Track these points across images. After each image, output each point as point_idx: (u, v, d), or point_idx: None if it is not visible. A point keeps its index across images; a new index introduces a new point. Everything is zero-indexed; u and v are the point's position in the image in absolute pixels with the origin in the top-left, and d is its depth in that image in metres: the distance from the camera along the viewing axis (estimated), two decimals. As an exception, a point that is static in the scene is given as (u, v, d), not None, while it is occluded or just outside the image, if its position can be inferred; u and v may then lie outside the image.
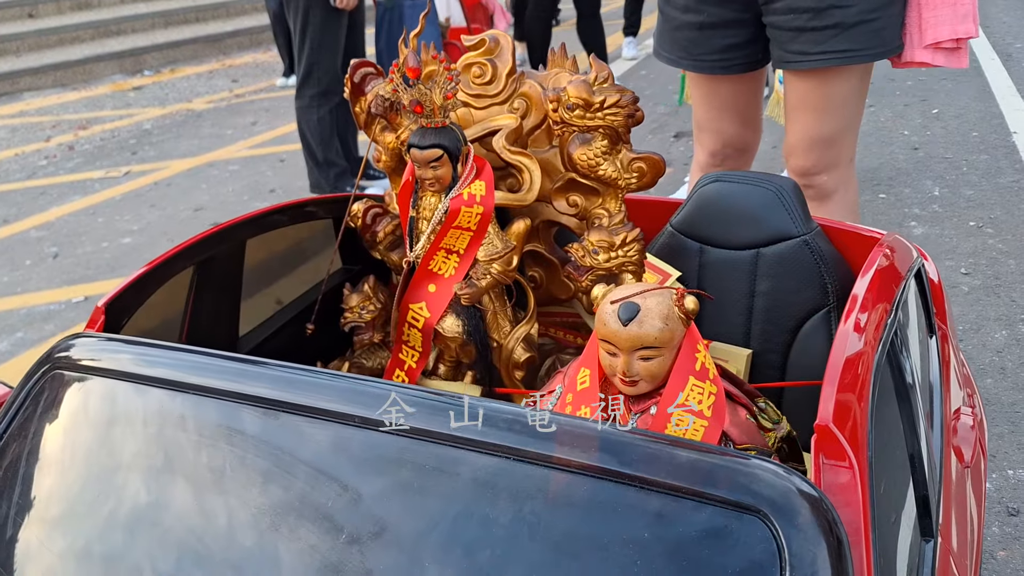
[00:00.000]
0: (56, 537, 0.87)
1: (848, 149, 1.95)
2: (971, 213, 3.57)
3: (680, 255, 1.40)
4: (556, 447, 0.71)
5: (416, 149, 1.13)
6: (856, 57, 1.76)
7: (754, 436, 0.90)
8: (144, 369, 0.88)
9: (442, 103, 1.11)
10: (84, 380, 0.92)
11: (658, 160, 1.23)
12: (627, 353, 0.87)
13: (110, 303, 1.04)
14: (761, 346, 1.36)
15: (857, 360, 0.77)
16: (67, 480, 0.90)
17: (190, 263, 1.16)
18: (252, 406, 0.81)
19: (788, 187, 1.34)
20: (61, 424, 0.92)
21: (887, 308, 0.88)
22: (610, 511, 0.68)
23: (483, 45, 1.25)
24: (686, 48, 1.91)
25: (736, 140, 2.05)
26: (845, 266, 1.34)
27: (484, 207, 1.14)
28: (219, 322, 1.25)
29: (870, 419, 0.74)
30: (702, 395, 0.87)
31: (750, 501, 0.65)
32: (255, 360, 0.84)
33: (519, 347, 1.24)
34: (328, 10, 3.72)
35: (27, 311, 3.34)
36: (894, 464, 0.84)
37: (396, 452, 0.74)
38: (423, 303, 1.19)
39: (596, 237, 1.18)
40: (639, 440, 0.70)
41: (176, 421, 0.85)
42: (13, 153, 5.70)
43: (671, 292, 0.89)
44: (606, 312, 0.88)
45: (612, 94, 1.14)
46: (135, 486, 0.85)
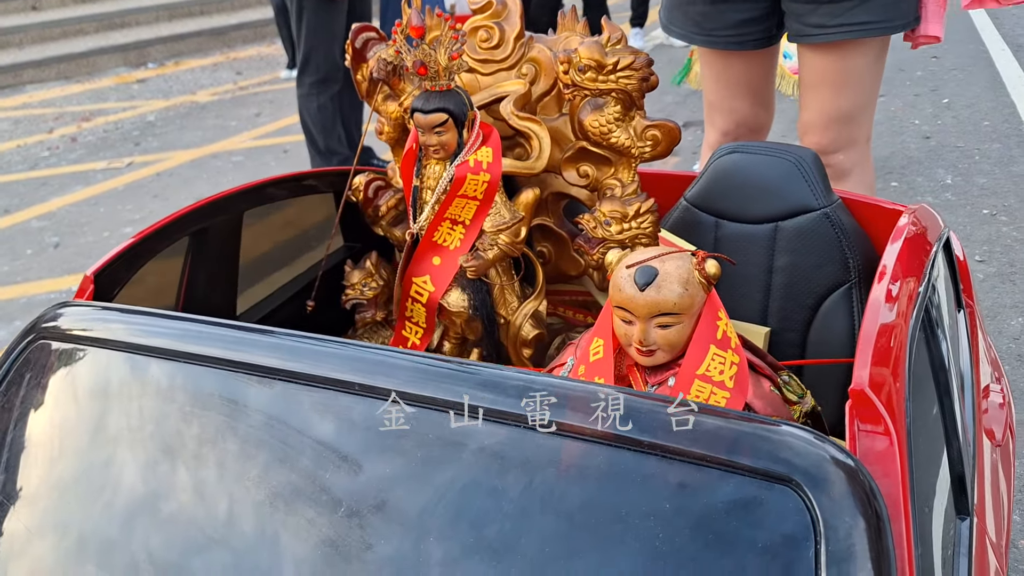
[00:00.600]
0: (44, 516, 0.83)
1: (865, 127, 1.90)
2: (984, 201, 3.52)
3: (695, 230, 1.34)
4: (569, 414, 0.66)
5: (420, 113, 1.07)
6: (876, 29, 1.70)
7: (779, 408, 0.85)
8: (134, 338, 0.83)
9: (447, 64, 1.05)
10: (72, 350, 0.88)
11: (673, 127, 1.17)
12: (644, 320, 0.82)
13: (100, 272, 0.99)
14: (779, 324, 1.30)
15: (892, 327, 0.72)
16: (54, 455, 0.85)
17: (184, 233, 1.11)
18: (250, 375, 0.76)
19: (808, 158, 1.29)
20: (47, 396, 0.88)
21: (919, 277, 0.83)
22: (633, 481, 0.63)
23: (490, 7, 1.20)
24: (698, 23, 1.85)
25: (749, 119, 1.99)
26: (867, 241, 1.29)
27: (491, 175, 1.09)
28: (215, 298, 1.20)
29: (907, 386, 0.69)
30: (723, 365, 0.82)
31: (782, 470, 0.60)
32: (253, 327, 0.79)
33: (527, 323, 1.19)
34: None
35: (27, 300, 3.30)
36: (930, 438, 0.78)
37: (404, 425, 0.69)
38: (427, 276, 1.14)
39: (608, 207, 1.13)
40: (662, 407, 0.65)
41: (169, 392, 0.80)
42: (15, 144, 5.66)
43: (691, 256, 0.83)
44: (622, 277, 0.83)
45: (626, 55, 1.09)
46: (123, 461, 0.80)
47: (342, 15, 3.83)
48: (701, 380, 0.81)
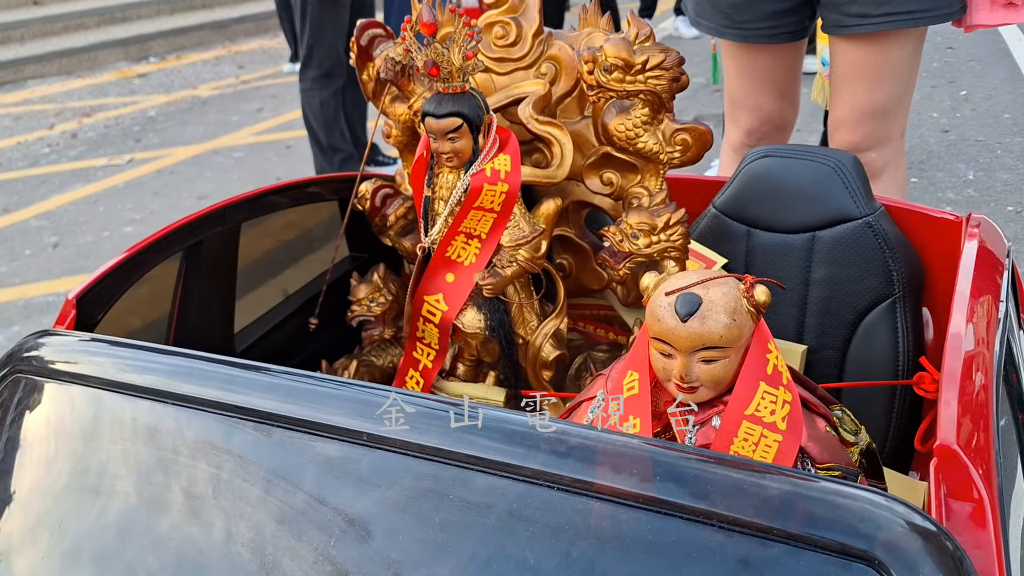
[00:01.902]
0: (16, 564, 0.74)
1: (900, 122, 1.80)
2: (1009, 198, 3.41)
3: (725, 239, 1.26)
4: (601, 471, 0.57)
5: (432, 118, 0.98)
6: (924, 18, 1.61)
7: (836, 452, 0.76)
8: (118, 374, 0.75)
9: (461, 64, 0.96)
10: (50, 386, 0.79)
11: (705, 131, 1.09)
12: (686, 354, 0.73)
13: (83, 295, 0.90)
14: (817, 341, 1.21)
15: (976, 368, 0.63)
16: (30, 500, 0.77)
17: (178, 249, 1.02)
18: (243, 419, 0.67)
19: (848, 162, 1.20)
20: (22, 438, 0.79)
21: (996, 303, 0.74)
22: (678, 556, 0.54)
23: (506, 2, 1.11)
24: (729, 15, 1.75)
25: (775, 116, 1.90)
26: (912, 251, 1.20)
27: (509, 185, 1.00)
28: (211, 316, 1.12)
29: (996, 439, 0.60)
30: (775, 404, 0.73)
31: (861, 546, 0.51)
32: (247, 364, 0.70)
33: (547, 344, 1.10)
34: None
35: (24, 303, 3.22)
36: (1013, 486, 0.70)
37: (406, 473, 0.61)
38: (440, 295, 1.05)
39: (636, 219, 1.04)
40: (713, 464, 0.56)
41: (154, 437, 0.72)
42: (15, 141, 5.59)
43: (737, 282, 0.74)
44: (661, 306, 0.74)
45: (655, 54, 1.00)
46: (101, 509, 0.72)
47: (346, 9, 3.75)
48: (750, 421, 0.72)
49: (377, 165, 4.19)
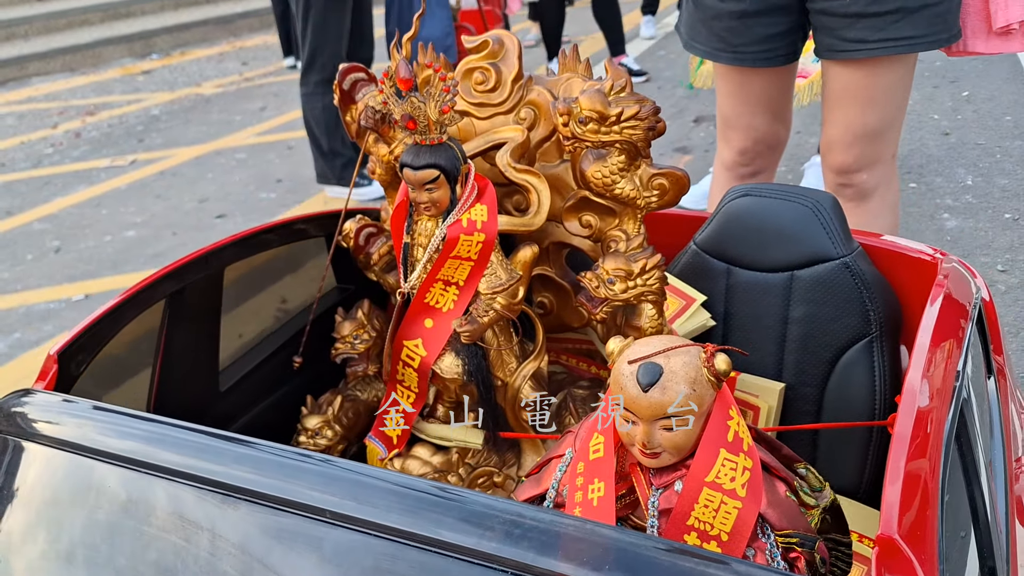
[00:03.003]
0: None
1: (892, 144, 1.81)
2: (1007, 204, 3.41)
3: (705, 276, 1.27)
4: (562, 559, 0.59)
5: (409, 169, 1.00)
6: (920, 44, 1.61)
7: (795, 518, 0.77)
8: (98, 440, 0.77)
9: (438, 118, 0.98)
10: (29, 447, 0.81)
11: (682, 176, 1.09)
12: (648, 422, 0.75)
13: (64, 350, 0.92)
14: (795, 379, 1.23)
15: (924, 454, 0.64)
16: (7, 561, 0.79)
17: (159, 298, 1.04)
18: (225, 494, 0.69)
19: (826, 203, 1.21)
20: (2, 499, 0.81)
21: (952, 374, 0.75)
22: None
23: (486, 47, 1.12)
24: (724, 39, 1.75)
25: (768, 136, 1.90)
26: (890, 291, 1.21)
27: (486, 234, 1.02)
28: (197, 358, 1.14)
29: (941, 519, 0.61)
30: (735, 471, 0.74)
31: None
32: (231, 437, 0.72)
33: (526, 385, 1.11)
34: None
35: (26, 310, 3.25)
36: (960, 552, 0.71)
37: (375, 557, 0.63)
38: (419, 340, 1.07)
39: (612, 265, 1.05)
40: (665, 555, 0.57)
41: (132, 507, 0.74)
42: (19, 141, 5.62)
43: (699, 350, 0.76)
44: (623, 374, 0.75)
45: (630, 105, 1.01)
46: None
47: (348, 13, 3.74)
48: (711, 488, 0.74)
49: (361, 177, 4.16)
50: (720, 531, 0.73)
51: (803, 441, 1.22)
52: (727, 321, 1.26)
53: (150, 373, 1.09)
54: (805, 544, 0.75)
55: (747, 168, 1.92)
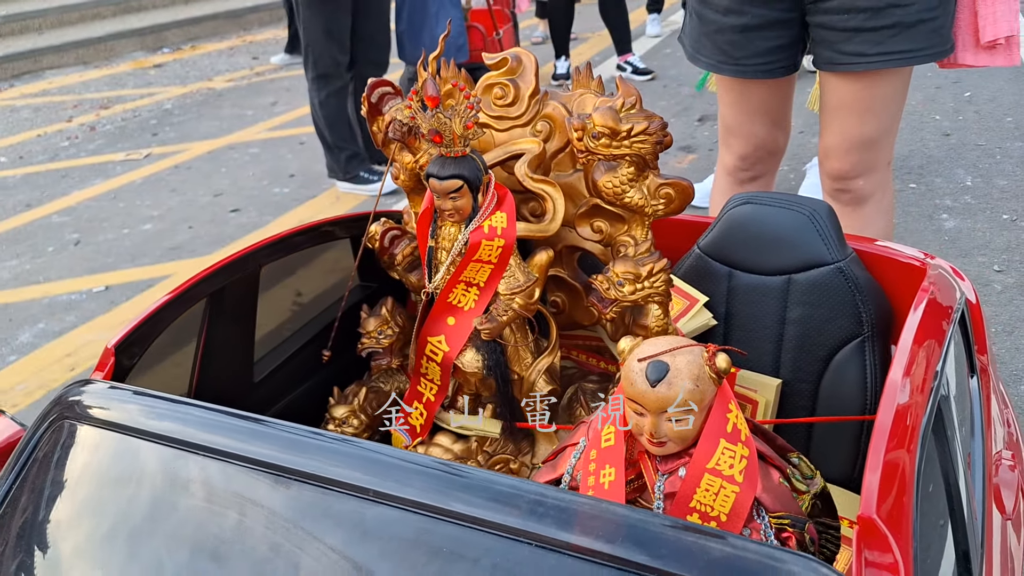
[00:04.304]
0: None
1: (887, 152, 1.88)
2: (1005, 205, 3.48)
3: (708, 278, 1.35)
4: (578, 533, 0.67)
5: (435, 179, 1.08)
6: (917, 57, 1.69)
7: (788, 503, 0.86)
8: (152, 424, 0.85)
9: (462, 133, 1.06)
10: (90, 431, 0.90)
11: (687, 186, 1.17)
12: (655, 414, 0.83)
13: (120, 344, 1.01)
14: (792, 375, 1.31)
15: (903, 437, 0.73)
16: (69, 536, 0.87)
17: (202, 296, 1.13)
18: (260, 470, 0.78)
19: (822, 211, 1.29)
20: (66, 478, 0.90)
21: (931, 372, 0.83)
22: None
23: (505, 64, 1.20)
24: (727, 52, 1.83)
25: (768, 143, 1.98)
26: (881, 294, 1.29)
27: (505, 240, 1.10)
28: (233, 350, 1.22)
29: (916, 502, 0.69)
30: (734, 459, 0.83)
31: (785, 604, 0.61)
32: (266, 420, 0.81)
33: (541, 379, 1.20)
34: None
35: (49, 301, 3.34)
36: (937, 536, 0.79)
37: (412, 531, 0.71)
38: (442, 336, 1.16)
39: (621, 268, 1.13)
40: (669, 530, 0.66)
41: (179, 481, 0.82)
42: (35, 134, 5.70)
43: (702, 350, 0.84)
44: (633, 371, 0.84)
45: (640, 121, 1.09)
46: (137, 548, 0.82)
47: (341, 16, 3.81)
48: (711, 474, 0.82)
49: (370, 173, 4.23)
50: (720, 512, 0.82)
51: (798, 433, 1.30)
52: (728, 321, 1.34)
53: (191, 364, 1.18)
54: (796, 525, 0.84)
55: (748, 173, 2.00)
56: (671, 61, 6.07)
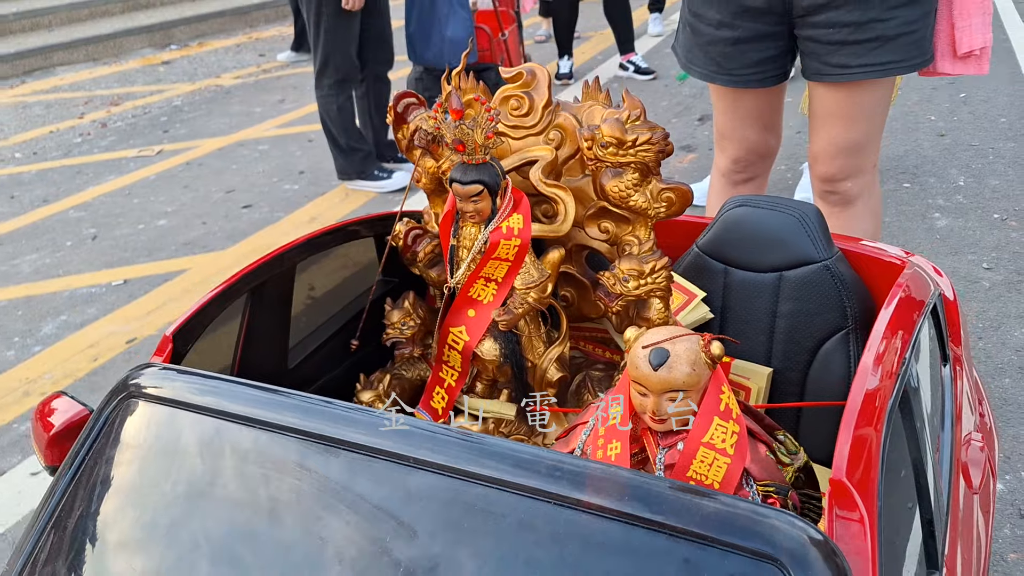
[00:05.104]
0: (129, 557, 0.96)
1: (872, 155, 1.99)
2: (996, 205, 3.58)
3: (705, 275, 1.46)
4: (591, 493, 0.78)
5: (458, 184, 1.19)
6: (898, 68, 1.79)
7: (773, 472, 0.97)
8: (203, 399, 0.97)
9: (483, 142, 1.17)
10: (151, 407, 1.01)
11: (686, 191, 1.28)
12: (657, 395, 0.94)
13: (177, 332, 1.12)
14: (782, 364, 1.42)
15: (870, 418, 0.84)
16: (136, 502, 0.99)
17: (246, 290, 1.24)
18: (303, 439, 0.90)
19: (811, 213, 1.40)
20: (131, 447, 1.01)
21: (900, 359, 0.95)
22: (640, 555, 0.76)
23: (520, 78, 1.31)
24: (719, 63, 1.94)
25: (759, 147, 2.09)
26: (864, 290, 1.40)
27: (521, 239, 1.21)
28: (270, 340, 1.33)
29: (881, 469, 0.81)
30: (726, 434, 0.94)
31: (769, 551, 0.72)
32: (294, 394, 0.93)
33: (552, 367, 1.31)
34: (340, 3, 3.77)
35: (69, 294, 3.45)
36: (902, 501, 0.90)
37: (448, 492, 0.82)
38: (463, 327, 1.27)
39: (626, 266, 1.25)
40: (668, 490, 0.77)
41: (227, 448, 0.94)
42: (48, 130, 5.81)
43: (698, 338, 0.95)
44: (638, 356, 0.95)
45: (644, 132, 1.20)
46: (202, 512, 0.94)
47: (357, 19, 3.91)
48: (706, 447, 0.94)
49: (397, 161, 4.36)
50: (713, 481, 0.93)
51: (788, 417, 1.42)
52: (724, 314, 1.45)
53: (233, 351, 1.29)
54: (780, 492, 0.95)
55: (741, 175, 2.12)
56: (672, 61, 6.16)
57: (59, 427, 1.16)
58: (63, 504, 1.01)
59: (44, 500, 1.03)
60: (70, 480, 1.02)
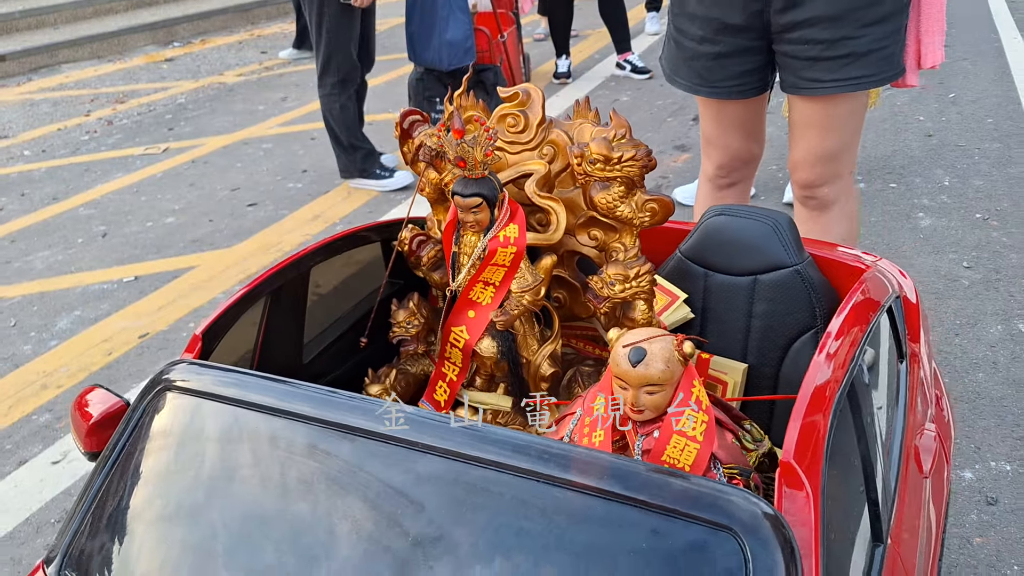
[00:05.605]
0: (165, 528, 1.09)
1: (849, 163, 2.12)
2: (978, 204, 3.70)
3: (687, 278, 1.58)
4: (577, 473, 0.91)
5: (459, 197, 1.31)
6: (868, 83, 1.91)
7: (737, 457, 1.09)
8: (229, 391, 1.09)
9: (482, 159, 1.29)
10: (183, 398, 1.13)
11: (668, 202, 1.40)
12: (635, 388, 1.07)
13: (206, 331, 1.25)
14: (757, 360, 1.54)
15: (819, 407, 0.96)
16: (171, 481, 1.11)
17: (266, 292, 1.36)
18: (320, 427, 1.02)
19: (784, 222, 1.52)
20: (167, 434, 1.14)
21: (850, 356, 1.07)
22: (616, 524, 0.88)
23: (516, 98, 1.43)
24: (703, 76, 2.06)
25: (743, 153, 2.22)
26: (832, 291, 1.52)
27: (517, 247, 1.33)
28: (287, 338, 1.46)
29: (826, 453, 0.93)
30: (696, 423, 1.06)
31: (726, 522, 0.85)
32: (306, 386, 1.05)
33: (545, 363, 1.43)
34: (343, 3, 3.88)
35: (82, 290, 3.57)
36: (849, 481, 1.03)
37: (452, 473, 0.95)
38: (463, 327, 1.39)
39: (613, 271, 1.37)
40: (642, 471, 0.90)
41: (252, 435, 1.06)
42: (56, 128, 5.92)
43: (672, 338, 1.08)
44: (619, 354, 1.07)
45: (629, 149, 1.32)
46: (223, 486, 1.06)
47: (358, 19, 4.03)
48: (678, 435, 1.06)
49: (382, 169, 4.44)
50: (684, 464, 1.05)
51: (763, 410, 1.54)
52: (704, 315, 1.57)
53: (253, 347, 1.42)
54: (743, 474, 1.08)
55: (726, 179, 2.24)
56: (668, 60, 6.27)
57: (98, 417, 1.28)
58: (107, 484, 1.13)
59: (89, 481, 1.16)
60: (113, 463, 1.14)
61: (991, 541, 1.98)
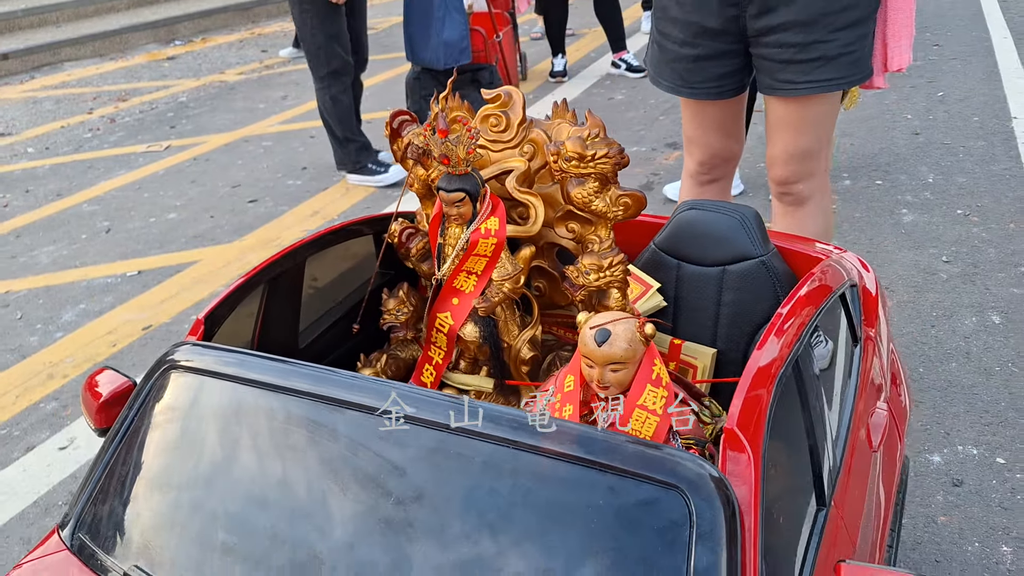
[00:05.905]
0: (171, 495, 1.19)
1: (823, 160, 2.21)
2: (960, 201, 3.79)
3: (661, 269, 1.68)
4: (545, 440, 1.01)
5: (444, 192, 1.41)
6: (838, 84, 2.01)
7: (695, 429, 1.19)
8: (231, 370, 1.19)
9: (465, 156, 1.39)
10: (188, 376, 1.23)
11: (640, 197, 1.50)
12: (601, 366, 1.16)
13: (208, 316, 1.35)
14: (725, 345, 1.64)
15: (763, 380, 1.06)
16: (177, 452, 1.21)
17: (264, 280, 1.46)
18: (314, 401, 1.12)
19: (751, 216, 1.62)
20: (172, 409, 1.24)
21: (795, 337, 1.17)
22: (579, 484, 0.98)
23: (499, 99, 1.53)
24: (684, 77, 2.16)
25: (723, 151, 2.31)
26: (795, 281, 1.62)
27: (498, 239, 1.43)
28: (284, 324, 1.55)
29: (768, 422, 1.03)
30: (656, 398, 1.16)
31: (673, 481, 0.95)
32: (302, 364, 1.15)
33: (525, 347, 1.53)
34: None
35: (87, 284, 3.67)
36: (793, 449, 1.13)
37: (437, 441, 1.05)
38: (448, 313, 1.49)
39: (588, 261, 1.47)
40: (600, 438, 1.00)
41: (252, 409, 1.16)
42: (59, 125, 6.02)
43: (635, 320, 1.17)
44: (586, 335, 1.17)
45: (602, 147, 1.41)
46: (226, 457, 1.16)
47: (341, 18, 4.14)
48: (640, 408, 1.16)
49: (378, 165, 4.54)
50: (645, 435, 1.15)
51: (730, 391, 1.64)
52: (676, 303, 1.67)
53: (252, 333, 1.52)
54: (698, 444, 1.18)
55: (706, 176, 2.34)
56: (662, 59, 6.36)
57: (107, 395, 1.38)
58: (116, 456, 1.23)
59: (99, 453, 1.26)
60: (122, 437, 1.24)
61: (954, 520, 2.08)
